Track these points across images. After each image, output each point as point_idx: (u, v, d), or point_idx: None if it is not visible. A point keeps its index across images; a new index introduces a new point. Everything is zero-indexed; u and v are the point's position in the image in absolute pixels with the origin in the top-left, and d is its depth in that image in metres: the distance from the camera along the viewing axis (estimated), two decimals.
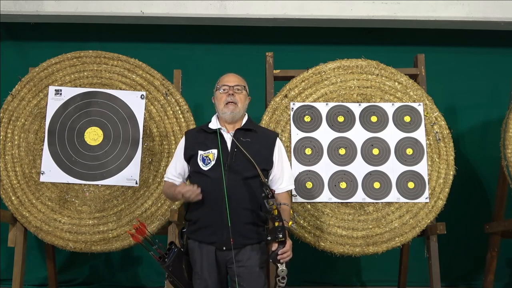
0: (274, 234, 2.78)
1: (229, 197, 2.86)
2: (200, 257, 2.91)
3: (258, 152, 2.97)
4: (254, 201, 2.92)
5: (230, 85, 3.04)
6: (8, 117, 3.86)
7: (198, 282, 2.90)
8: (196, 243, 2.93)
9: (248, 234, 2.89)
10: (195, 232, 2.94)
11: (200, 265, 2.90)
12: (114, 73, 3.95)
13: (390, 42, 5.02)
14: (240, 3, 4.70)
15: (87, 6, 4.68)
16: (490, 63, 5.04)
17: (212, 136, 3.02)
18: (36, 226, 3.72)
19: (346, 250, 3.64)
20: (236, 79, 3.09)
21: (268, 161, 3.02)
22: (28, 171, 3.79)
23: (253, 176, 2.93)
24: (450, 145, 3.81)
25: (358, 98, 3.88)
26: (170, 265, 2.86)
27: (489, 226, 4.16)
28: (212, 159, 2.95)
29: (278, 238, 2.77)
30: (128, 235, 3.69)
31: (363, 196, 3.71)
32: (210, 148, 2.99)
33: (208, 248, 2.90)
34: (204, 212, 2.91)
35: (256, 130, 3.08)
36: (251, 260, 2.89)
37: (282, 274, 2.77)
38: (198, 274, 2.91)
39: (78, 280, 4.84)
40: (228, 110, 3.00)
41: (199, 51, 5.05)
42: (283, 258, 2.78)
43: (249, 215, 2.90)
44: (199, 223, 2.93)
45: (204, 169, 2.95)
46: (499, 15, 4.71)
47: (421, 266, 4.05)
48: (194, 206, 2.95)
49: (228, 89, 3.03)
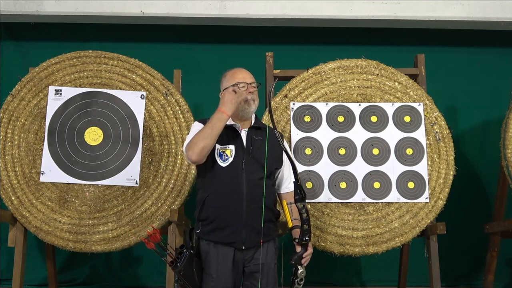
0: (302, 237, 2.83)
1: (249, 196, 2.86)
2: (216, 259, 2.86)
3: (270, 150, 2.97)
4: (269, 199, 2.93)
5: (248, 82, 3.00)
6: (8, 117, 3.86)
7: (212, 284, 2.84)
8: (211, 244, 2.88)
9: (266, 231, 2.89)
10: (211, 233, 2.89)
11: (215, 268, 2.85)
12: (114, 73, 3.95)
13: (390, 42, 5.02)
14: (240, 3, 4.70)
15: (87, 6, 4.68)
16: (490, 63, 5.04)
17: (229, 132, 2.98)
18: (36, 226, 3.72)
19: (346, 250, 3.64)
20: (250, 75, 3.06)
21: (280, 160, 3.04)
22: (28, 171, 3.80)
23: (269, 174, 2.95)
24: (450, 145, 3.81)
25: (358, 98, 3.88)
26: (182, 269, 2.81)
27: (489, 226, 4.16)
28: (230, 156, 2.93)
29: (306, 241, 2.84)
30: (129, 234, 3.71)
31: (363, 196, 3.71)
32: (227, 143, 2.95)
33: (225, 249, 2.86)
34: (222, 211, 2.86)
35: (265, 128, 3.08)
36: (267, 257, 2.91)
37: (301, 276, 2.84)
38: (212, 276, 2.84)
39: (78, 280, 4.84)
40: (250, 108, 2.98)
41: (199, 51, 5.05)
42: (306, 261, 2.86)
43: (268, 213, 2.90)
44: (216, 223, 2.87)
45: (222, 165, 2.91)
46: (499, 15, 4.71)
47: (421, 266, 4.05)
48: (210, 206, 2.90)
49: (247, 86, 3.00)
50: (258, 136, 3.01)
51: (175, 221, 3.68)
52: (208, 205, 2.91)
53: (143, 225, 3.72)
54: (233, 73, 3.07)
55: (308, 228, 2.83)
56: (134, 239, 3.70)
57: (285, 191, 3.09)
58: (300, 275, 2.82)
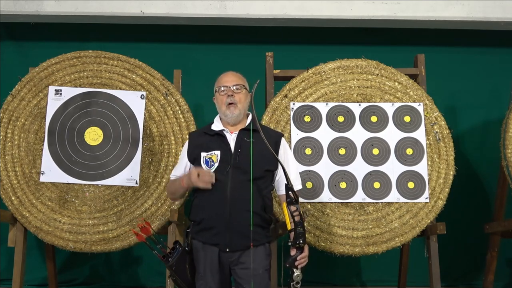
0: (295, 240, 2.80)
1: (233, 199, 2.85)
2: (203, 258, 2.89)
3: (262, 152, 2.93)
4: (258, 203, 2.90)
5: (228, 85, 3.00)
6: (8, 117, 3.86)
7: (200, 282, 2.89)
8: (200, 244, 2.92)
9: (253, 236, 2.86)
10: (199, 233, 2.93)
11: (203, 266, 2.89)
12: (114, 73, 3.95)
13: (390, 42, 5.02)
14: (240, 3, 4.70)
15: (87, 6, 4.68)
16: (490, 63, 5.04)
17: (215, 138, 3.00)
18: (36, 226, 3.72)
19: (346, 250, 3.64)
20: (234, 78, 3.05)
21: (273, 162, 2.97)
22: (28, 171, 3.80)
23: (259, 177, 2.91)
24: (450, 145, 3.81)
25: (358, 98, 3.88)
26: (173, 265, 2.86)
27: (489, 226, 4.16)
28: (215, 161, 2.93)
29: (300, 244, 2.80)
30: (128, 234, 3.71)
31: (363, 196, 3.71)
32: (212, 149, 2.96)
33: (211, 249, 2.88)
34: (208, 213, 2.89)
35: (260, 130, 3.02)
36: (254, 262, 2.86)
37: (297, 279, 2.80)
38: (200, 274, 2.90)
39: (78, 280, 4.84)
40: (230, 113, 2.97)
41: (199, 51, 5.05)
42: (301, 263, 2.81)
43: (254, 218, 2.86)
44: (203, 224, 2.91)
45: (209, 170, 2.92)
46: (499, 15, 4.71)
47: (421, 266, 4.05)
48: (198, 207, 2.94)
49: (227, 90, 3.00)
50: (250, 139, 2.96)
51: (175, 221, 3.68)
52: (196, 207, 2.96)
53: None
54: (219, 78, 3.09)
55: (302, 231, 2.79)
56: (134, 239, 3.70)
57: (282, 193, 3.06)
58: (296, 278, 2.79)
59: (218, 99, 3.03)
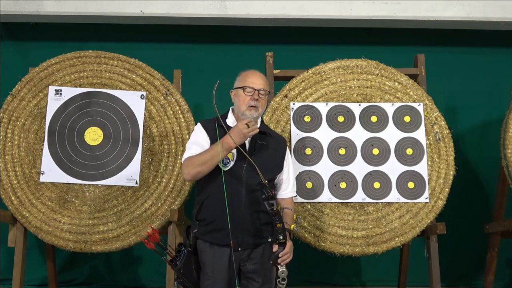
0: (275, 236, 2.79)
1: (246, 200, 2.87)
2: (211, 259, 2.88)
3: (272, 156, 2.98)
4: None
5: (256, 88, 2.93)
6: (8, 117, 3.86)
7: (207, 282, 2.87)
8: (207, 244, 2.90)
9: (264, 234, 2.90)
10: (208, 234, 2.90)
11: (211, 267, 2.87)
12: (114, 73, 3.95)
13: (390, 42, 5.02)
14: (240, 3, 4.70)
15: (87, 6, 4.68)
16: (490, 63, 5.04)
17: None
18: (36, 226, 3.72)
19: (346, 250, 3.64)
20: (262, 81, 2.97)
21: (280, 167, 3.03)
22: (28, 171, 3.80)
23: (269, 179, 2.93)
24: (450, 145, 3.81)
25: (358, 98, 3.88)
26: (181, 268, 2.85)
27: (489, 226, 4.17)
28: (232, 159, 2.91)
29: (279, 240, 2.79)
30: (128, 234, 3.71)
31: (363, 196, 3.71)
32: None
33: (221, 249, 2.87)
34: (220, 214, 2.84)
35: (270, 133, 3.07)
36: (264, 256, 2.91)
37: (282, 275, 2.78)
38: (208, 274, 2.88)
39: (78, 280, 4.84)
40: (250, 114, 2.91)
41: (199, 51, 5.05)
42: (283, 260, 2.80)
43: (265, 216, 2.88)
44: (213, 225, 2.88)
45: (223, 169, 2.88)
46: (499, 15, 4.71)
47: (421, 266, 4.06)
48: (209, 207, 2.91)
49: (254, 93, 2.93)
50: (262, 141, 2.98)
51: (175, 221, 3.68)
52: (207, 207, 2.92)
53: (143, 225, 3.72)
54: (245, 75, 3.00)
55: (282, 227, 2.77)
56: (134, 239, 3.70)
57: (280, 196, 3.08)
58: (281, 274, 2.77)
59: (241, 97, 2.94)
